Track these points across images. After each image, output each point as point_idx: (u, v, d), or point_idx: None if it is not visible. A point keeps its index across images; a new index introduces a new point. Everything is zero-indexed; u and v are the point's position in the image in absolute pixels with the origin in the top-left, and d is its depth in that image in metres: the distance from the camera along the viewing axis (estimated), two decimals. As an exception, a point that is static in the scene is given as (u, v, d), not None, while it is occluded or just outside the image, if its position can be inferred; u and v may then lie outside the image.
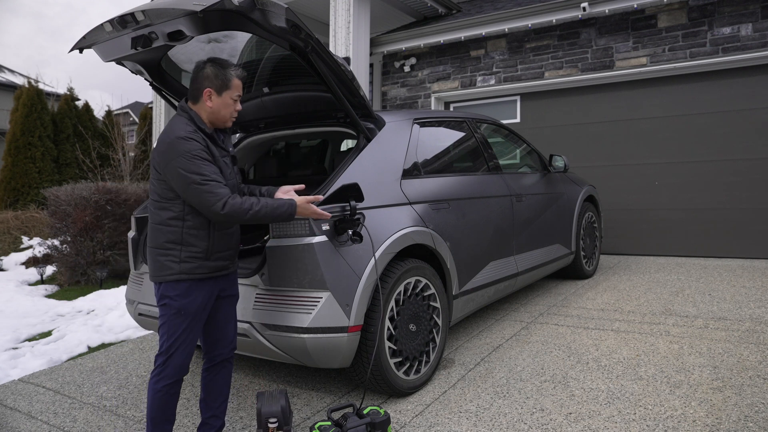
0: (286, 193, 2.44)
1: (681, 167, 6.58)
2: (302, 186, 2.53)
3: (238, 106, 2.34)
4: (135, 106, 33.11)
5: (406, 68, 8.29)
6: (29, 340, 4.65)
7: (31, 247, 8.74)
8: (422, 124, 3.61)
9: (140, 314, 3.28)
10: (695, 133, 6.49)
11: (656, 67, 6.49)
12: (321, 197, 2.48)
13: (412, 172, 3.32)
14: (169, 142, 2.17)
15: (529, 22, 7.00)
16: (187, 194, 2.15)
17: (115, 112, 15.97)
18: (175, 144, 2.15)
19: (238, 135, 3.94)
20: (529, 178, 4.64)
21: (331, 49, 6.93)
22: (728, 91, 6.30)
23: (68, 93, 13.22)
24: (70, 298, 6.04)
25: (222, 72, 2.27)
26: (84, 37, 2.66)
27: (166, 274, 2.23)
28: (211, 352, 2.47)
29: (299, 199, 2.32)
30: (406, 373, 2.96)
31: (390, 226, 2.95)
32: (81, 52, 2.79)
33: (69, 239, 6.68)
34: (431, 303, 3.18)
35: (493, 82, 7.61)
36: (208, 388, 2.48)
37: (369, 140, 3.12)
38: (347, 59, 3.30)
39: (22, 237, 9.33)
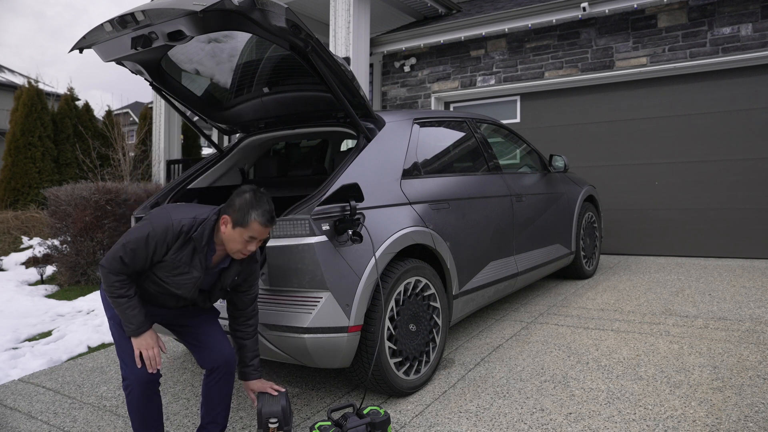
0: (256, 389, 2.43)
1: (681, 167, 6.58)
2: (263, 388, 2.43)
3: (251, 247, 2.21)
4: (135, 106, 33.13)
5: (406, 68, 8.29)
6: (29, 340, 4.65)
7: (31, 247, 8.73)
8: (422, 124, 3.61)
9: (140, 314, 3.27)
10: (695, 133, 6.49)
11: (656, 67, 6.49)
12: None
13: (412, 172, 3.32)
14: (164, 216, 2.18)
15: (529, 22, 7.00)
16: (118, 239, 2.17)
17: (115, 112, 15.97)
18: (161, 218, 2.17)
19: (238, 135, 3.94)
20: (529, 178, 4.64)
21: (331, 49, 6.93)
22: (728, 91, 6.30)
23: (68, 93, 13.21)
24: (70, 298, 6.04)
25: (246, 210, 2.16)
26: (84, 37, 2.66)
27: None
28: (204, 364, 2.42)
29: (148, 335, 2.15)
30: (406, 373, 2.96)
31: (390, 226, 2.95)
32: (81, 52, 2.79)
33: (69, 239, 6.68)
34: (431, 303, 3.18)
35: (493, 82, 7.61)
36: (207, 396, 2.46)
37: (369, 140, 3.12)
38: (347, 59, 3.30)
39: (22, 237, 9.33)
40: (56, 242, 6.99)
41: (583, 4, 6.52)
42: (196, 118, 8.53)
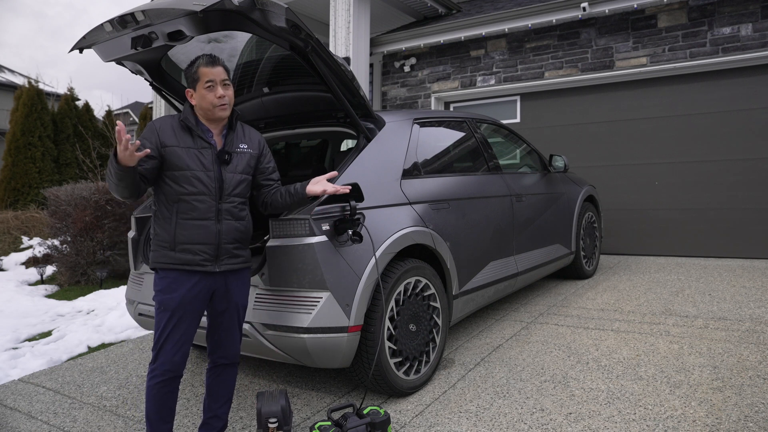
0: (317, 183, 2.42)
1: (681, 167, 6.58)
2: (334, 173, 2.51)
3: (218, 92, 2.28)
4: (135, 106, 33.06)
5: (406, 68, 8.29)
6: (29, 340, 4.66)
7: (31, 247, 8.74)
8: (422, 124, 3.61)
9: (140, 314, 3.28)
10: (695, 133, 6.49)
11: (656, 67, 6.49)
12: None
13: (412, 172, 3.32)
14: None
15: (529, 22, 7.00)
16: None
17: (115, 112, 15.98)
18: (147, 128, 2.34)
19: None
20: (529, 178, 4.64)
21: (331, 49, 6.93)
22: (728, 91, 6.30)
23: (68, 93, 13.22)
24: (70, 298, 6.04)
25: (190, 68, 2.32)
26: (84, 37, 2.66)
27: (150, 263, 2.36)
28: (213, 353, 2.46)
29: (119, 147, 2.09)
30: (406, 373, 2.96)
31: (390, 226, 2.95)
32: (81, 52, 2.79)
33: (69, 239, 6.68)
34: (431, 303, 3.18)
35: (493, 82, 7.61)
36: (211, 389, 2.48)
37: (369, 140, 3.12)
38: (347, 59, 3.30)
39: (22, 237, 9.34)
40: (56, 242, 6.99)
41: (583, 4, 6.51)
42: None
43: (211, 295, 2.35)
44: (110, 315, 4.97)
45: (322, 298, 2.60)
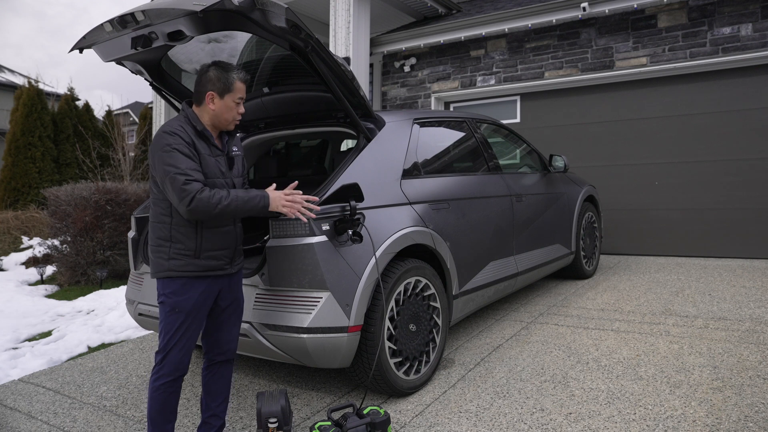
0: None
1: (681, 167, 6.58)
2: (295, 183, 2.49)
3: (241, 109, 2.35)
4: (135, 106, 33.08)
5: (406, 68, 8.29)
6: (29, 340, 4.66)
7: (31, 247, 8.74)
8: (422, 124, 3.61)
9: (140, 314, 3.28)
10: (695, 133, 6.49)
11: (656, 67, 6.49)
12: (316, 198, 2.43)
13: (412, 172, 3.32)
14: (157, 136, 2.23)
15: (529, 22, 7.00)
16: (164, 187, 2.17)
17: (115, 112, 15.97)
18: (159, 137, 2.21)
19: (238, 134, 3.94)
20: (529, 178, 4.64)
21: (331, 49, 6.93)
22: (728, 91, 6.30)
23: (68, 93, 13.22)
24: (70, 298, 6.04)
25: (225, 75, 2.28)
26: (84, 37, 2.67)
27: (158, 270, 2.28)
28: (210, 352, 2.47)
29: (272, 191, 2.29)
30: (406, 373, 2.96)
31: (390, 226, 2.95)
32: (81, 52, 2.79)
33: (69, 239, 6.68)
34: (431, 303, 3.18)
35: (493, 82, 7.61)
36: (208, 387, 2.49)
37: (369, 140, 3.12)
38: (347, 59, 3.30)
39: (22, 237, 9.34)
40: (56, 242, 6.99)
41: (583, 4, 6.51)
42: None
43: (217, 293, 2.38)
44: (110, 315, 4.97)
45: (322, 298, 2.60)
